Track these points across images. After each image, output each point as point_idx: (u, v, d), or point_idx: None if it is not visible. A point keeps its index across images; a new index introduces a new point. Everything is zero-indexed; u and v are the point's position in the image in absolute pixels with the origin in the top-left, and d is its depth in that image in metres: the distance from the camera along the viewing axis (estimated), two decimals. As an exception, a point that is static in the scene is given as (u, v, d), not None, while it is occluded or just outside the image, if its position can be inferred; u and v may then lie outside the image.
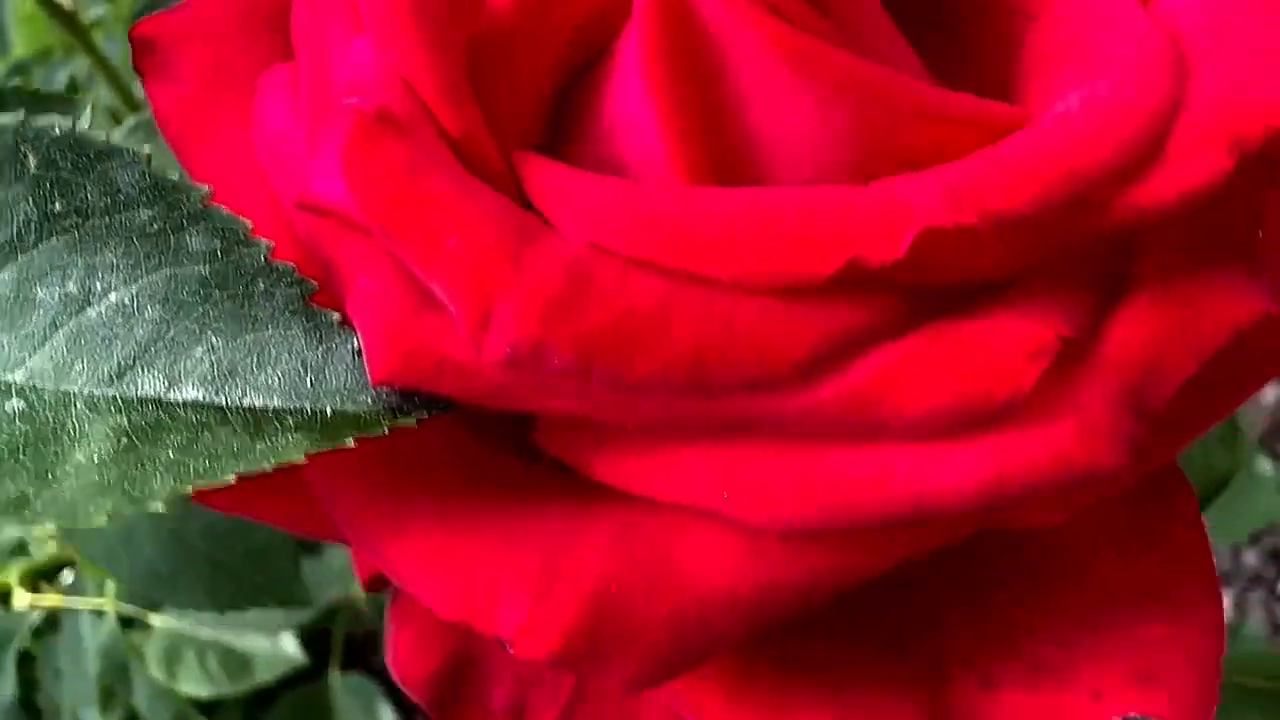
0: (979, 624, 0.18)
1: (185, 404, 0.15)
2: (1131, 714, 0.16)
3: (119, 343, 0.15)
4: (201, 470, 0.14)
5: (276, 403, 0.15)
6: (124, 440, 0.14)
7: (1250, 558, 0.99)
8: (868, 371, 0.14)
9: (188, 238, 0.15)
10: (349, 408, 0.15)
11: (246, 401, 0.15)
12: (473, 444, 0.16)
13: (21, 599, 0.78)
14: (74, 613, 0.76)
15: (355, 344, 0.15)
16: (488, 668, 0.21)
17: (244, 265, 0.15)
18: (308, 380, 0.15)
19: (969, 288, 0.14)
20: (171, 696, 0.68)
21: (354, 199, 0.15)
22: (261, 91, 0.18)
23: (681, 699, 0.16)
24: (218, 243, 0.15)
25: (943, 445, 0.14)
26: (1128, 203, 0.13)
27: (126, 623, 0.73)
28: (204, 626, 0.69)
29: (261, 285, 0.15)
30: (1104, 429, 0.13)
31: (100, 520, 0.13)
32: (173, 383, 0.15)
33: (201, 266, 0.15)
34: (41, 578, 0.81)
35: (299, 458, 0.14)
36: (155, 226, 0.15)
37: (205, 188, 0.15)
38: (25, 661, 0.84)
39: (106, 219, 0.15)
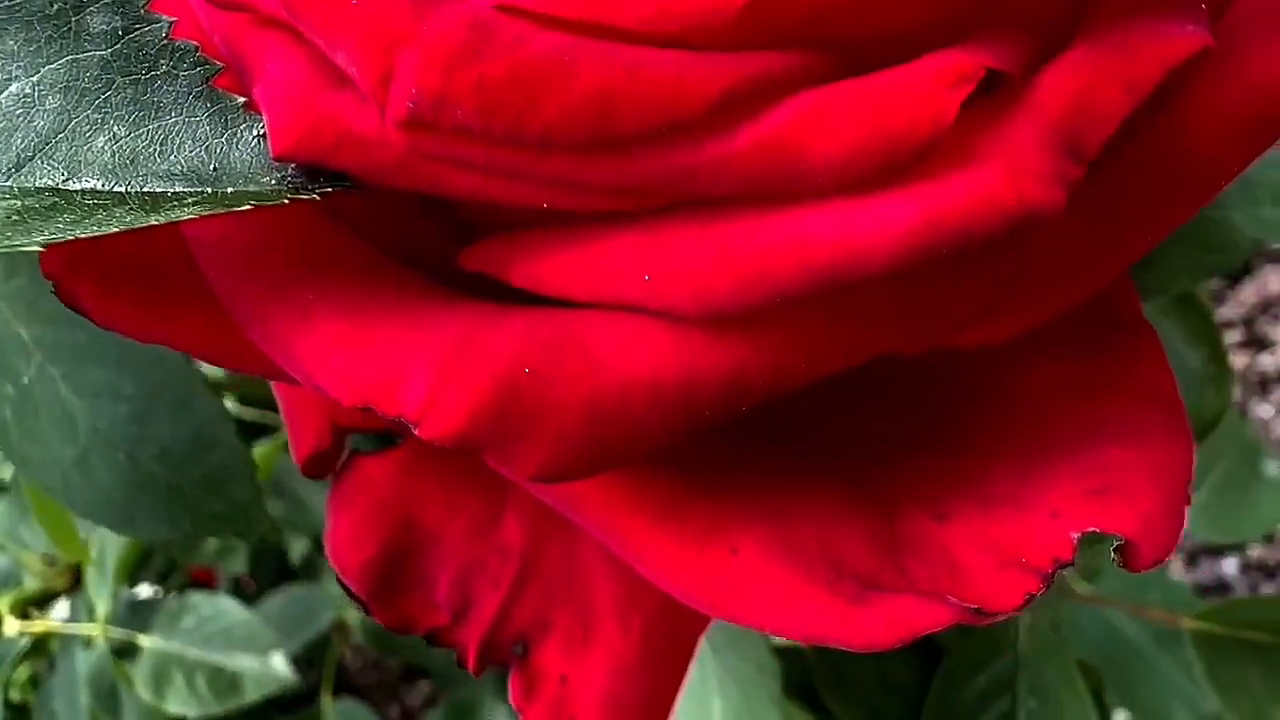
0: (932, 460, 0.17)
1: (84, 191, 0.14)
2: (1091, 528, 0.15)
3: (19, 134, 0.15)
4: (86, 231, 0.13)
5: (178, 188, 0.14)
6: (14, 218, 0.14)
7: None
8: (785, 116, 0.13)
9: (88, 18, 0.14)
10: (251, 189, 0.14)
11: (147, 188, 0.14)
12: (388, 261, 0.16)
13: (11, 626, 0.77)
14: (65, 640, 0.74)
15: (260, 128, 0.14)
16: (429, 556, 0.20)
17: (145, 46, 0.14)
18: (211, 165, 0.14)
19: (892, 46, 0.14)
20: (160, 718, 0.66)
21: (260, -23, 0.14)
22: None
23: (605, 521, 0.16)
24: (118, 21, 0.14)
25: (867, 198, 0.13)
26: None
27: (118, 650, 0.72)
28: (192, 646, 0.68)
29: (164, 67, 0.14)
30: (1035, 169, 0.12)
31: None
32: (72, 173, 0.14)
33: (102, 49, 0.14)
34: (32, 605, 0.79)
35: (187, 215, 0.13)
36: (54, 7, 0.14)
37: (103, -43, 0.14)
38: (15, 691, 0.82)
39: (5, 2, 0.14)
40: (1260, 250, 0.25)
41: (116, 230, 0.13)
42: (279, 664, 0.65)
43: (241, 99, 0.15)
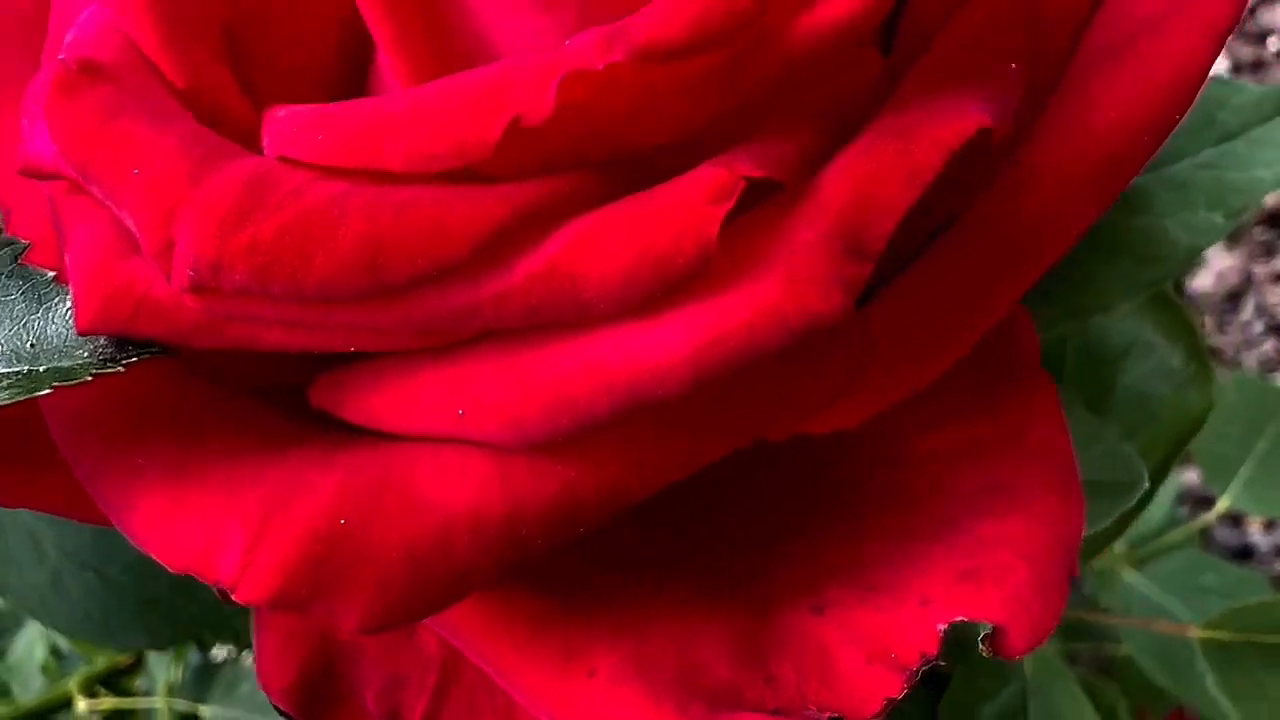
0: (811, 552, 0.16)
1: (-91, 380, 0.14)
2: (959, 618, 0.14)
3: None
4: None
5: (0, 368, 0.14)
6: None
7: None
8: (556, 247, 0.13)
9: (-105, 211, 0.15)
10: (64, 363, 0.14)
11: (-31, 371, 0.14)
12: (228, 402, 0.16)
13: (81, 705, 0.79)
14: (132, 715, 0.76)
15: (70, 300, 0.14)
16: (353, 668, 0.20)
17: (-47, 232, 0.15)
18: (29, 342, 0.14)
19: (675, 153, 0.13)
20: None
21: (57, 147, 0.14)
22: (26, 96, 0.18)
23: (472, 645, 0.15)
24: (-77, 212, 0.14)
25: (649, 320, 0.12)
26: (794, 31, 0.12)
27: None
28: (254, 713, 0.69)
29: (-27, 250, 0.15)
30: (814, 275, 0.12)
31: None
32: (-104, 361, 0.15)
33: (-87, 238, 0.15)
34: (99, 683, 0.81)
35: (3, 400, 0.13)
36: None
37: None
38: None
39: None
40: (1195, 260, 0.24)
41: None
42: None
43: (51, 273, 0.15)
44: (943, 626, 0.14)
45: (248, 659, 0.76)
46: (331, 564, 0.13)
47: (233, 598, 0.13)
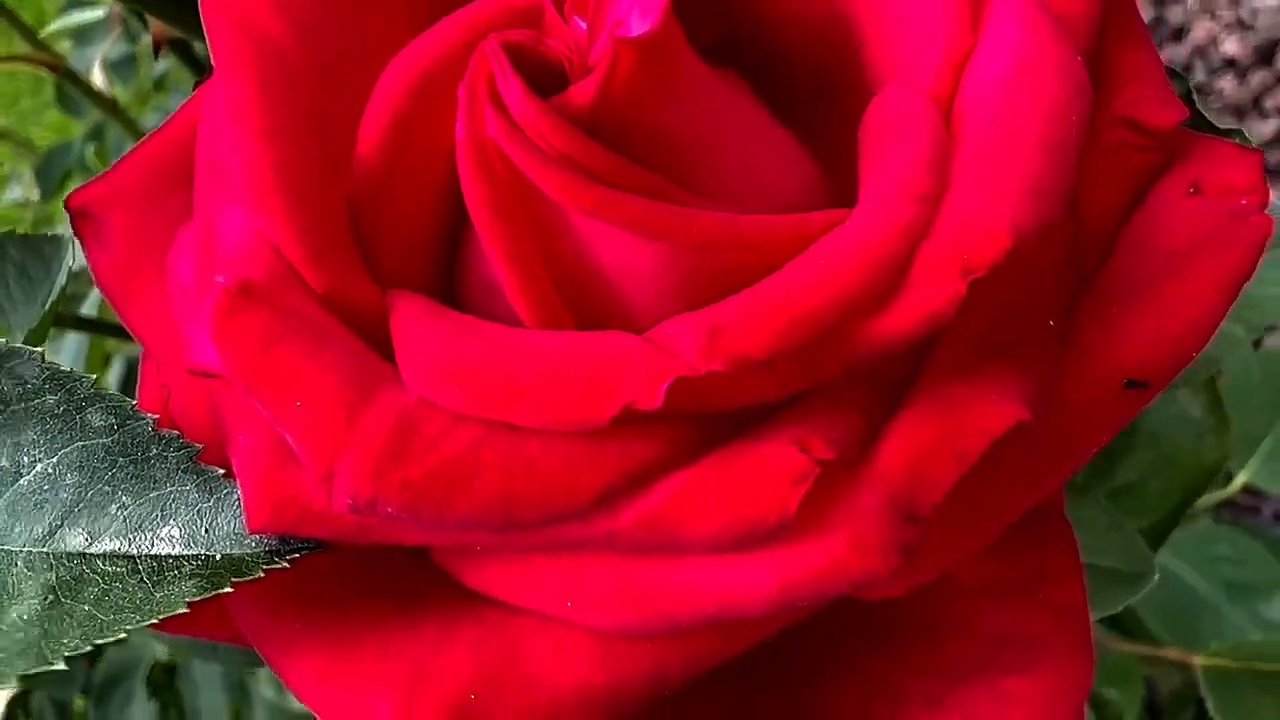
0: (855, 685, 0.19)
1: (104, 555, 0.17)
2: (979, 772, 0.17)
3: (48, 505, 0.18)
4: (106, 626, 0.16)
5: (178, 550, 0.17)
6: (50, 597, 0.17)
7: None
8: (659, 499, 0.15)
9: (89, 416, 0.17)
10: (236, 551, 0.17)
11: (154, 550, 0.17)
12: (365, 559, 0.18)
13: (148, 626, 0.83)
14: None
15: (239, 495, 0.17)
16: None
17: (138, 435, 0.17)
18: (202, 528, 0.17)
19: (760, 407, 0.15)
20: (285, 713, 0.73)
21: (224, 367, 0.17)
22: (174, 250, 0.20)
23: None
24: (113, 419, 0.17)
25: (737, 558, 0.15)
26: (871, 333, 0.14)
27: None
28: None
29: (154, 450, 0.17)
30: (875, 539, 0.14)
31: (10, 680, 0.15)
32: (94, 538, 0.17)
33: (104, 439, 0.17)
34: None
35: (182, 608, 0.16)
36: (61, 409, 0.17)
37: (94, 375, 0.17)
38: (165, 687, 0.90)
39: (22, 405, 0.17)
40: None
41: (133, 623, 0.16)
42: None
43: (221, 471, 0.17)
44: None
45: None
46: (465, 736, 0.16)
47: (387, 760, 0.16)
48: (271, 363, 0.16)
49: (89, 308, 0.52)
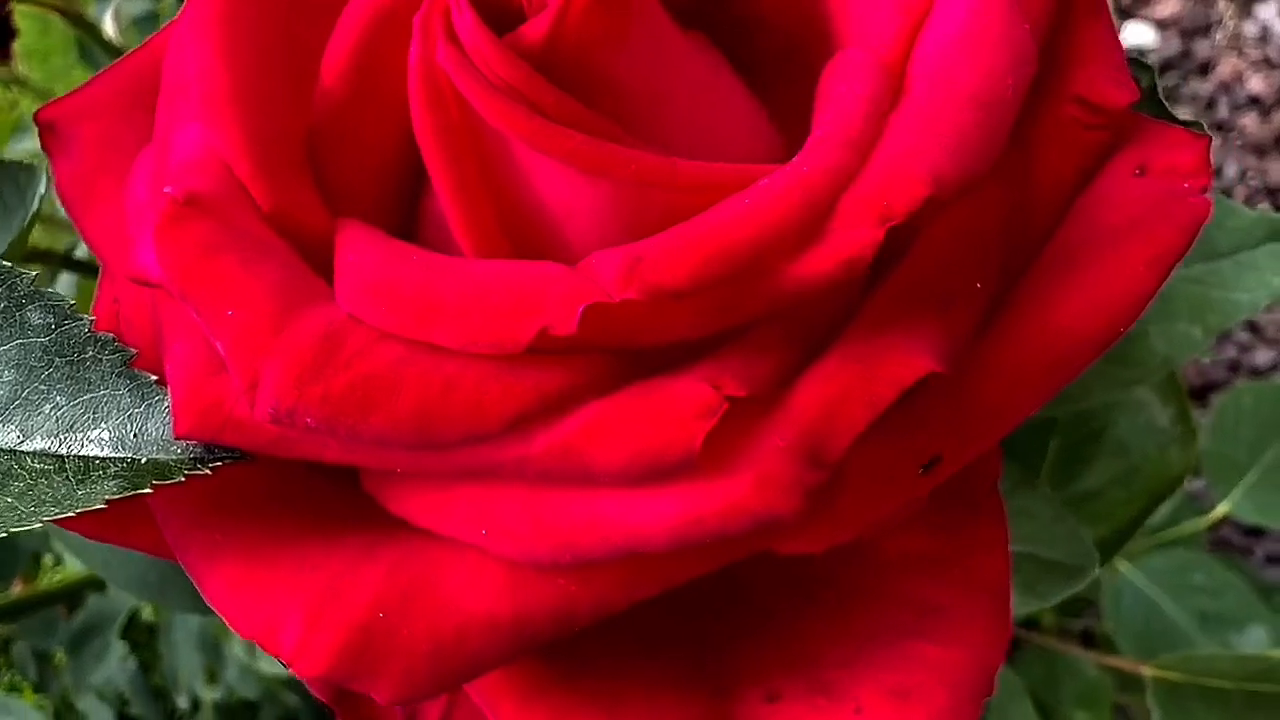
0: (772, 643, 0.19)
1: (33, 453, 0.17)
2: (885, 730, 0.17)
3: (-16, 402, 0.18)
4: (25, 517, 0.16)
5: (106, 452, 0.17)
6: (-25, 487, 0.17)
7: None
8: (570, 428, 0.15)
9: (28, 313, 0.17)
10: (162, 456, 0.17)
11: (83, 451, 0.17)
12: (295, 480, 0.19)
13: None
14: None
15: (169, 402, 0.17)
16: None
17: (75, 336, 0.17)
18: (131, 433, 0.17)
19: (678, 347, 0.16)
20: (256, 674, 0.73)
21: (163, 274, 0.17)
22: (135, 167, 0.21)
23: (482, 699, 0.18)
24: (51, 318, 0.17)
25: (644, 492, 0.15)
26: (790, 274, 0.14)
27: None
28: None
29: (90, 352, 0.17)
30: (780, 478, 0.15)
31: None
32: (26, 436, 0.18)
33: (42, 338, 0.17)
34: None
35: (100, 504, 0.16)
36: (1, 305, 0.17)
37: (34, 270, 0.17)
38: (145, 647, 0.90)
39: (-37, 298, 0.17)
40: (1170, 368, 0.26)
41: (51, 515, 0.16)
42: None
43: (154, 377, 0.17)
44: (868, 737, 0.17)
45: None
46: (370, 652, 0.16)
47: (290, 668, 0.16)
48: (208, 270, 0.17)
49: (82, 252, 0.53)
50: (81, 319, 0.17)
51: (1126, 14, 1.30)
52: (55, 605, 0.87)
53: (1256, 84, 1.28)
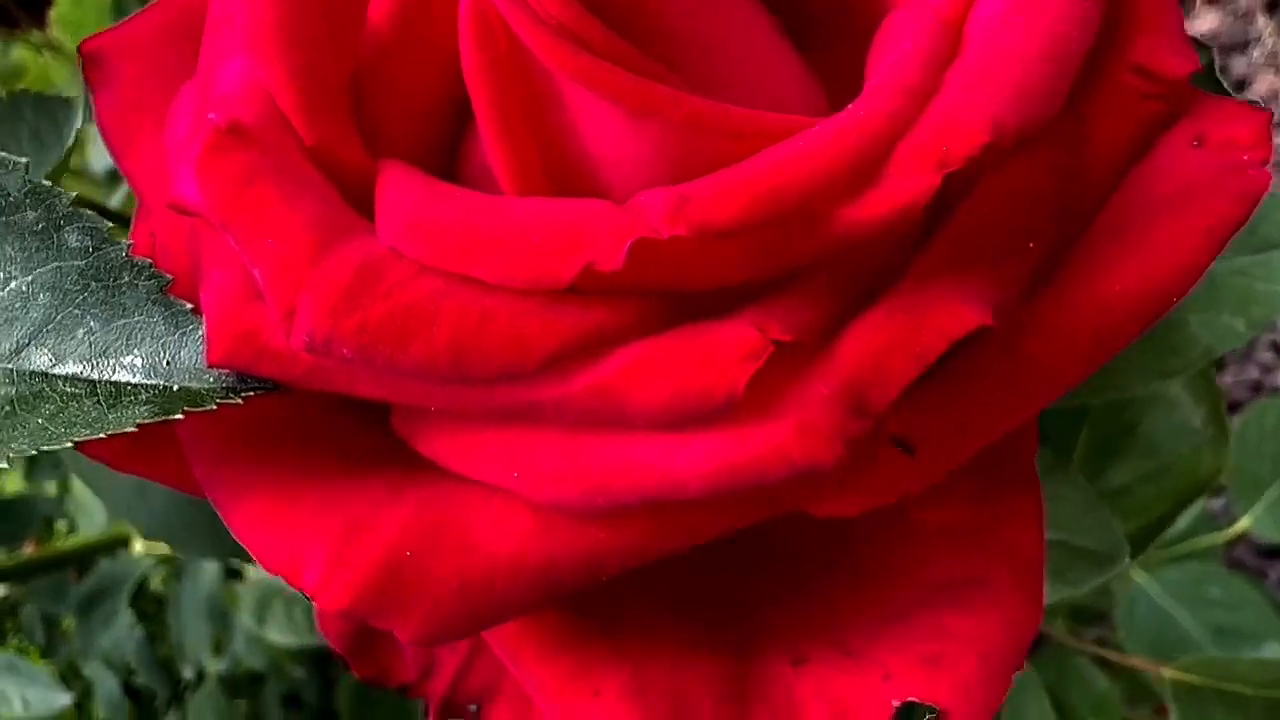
0: (802, 605, 0.19)
1: (65, 377, 0.17)
2: (912, 698, 0.17)
3: (18, 323, 0.18)
4: (55, 438, 0.16)
5: (138, 379, 0.17)
6: (7, 408, 0.17)
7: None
8: (610, 369, 0.15)
9: (66, 235, 0.17)
10: (194, 384, 0.17)
11: (115, 377, 0.17)
12: (326, 416, 0.18)
13: (138, 545, 0.85)
14: (191, 566, 0.82)
15: (204, 330, 0.17)
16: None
17: (111, 260, 0.17)
18: (164, 360, 0.17)
19: (724, 293, 0.15)
20: (263, 645, 0.73)
21: (203, 202, 0.17)
22: (177, 99, 0.20)
23: (503, 650, 0.18)
24: (89, 240, 0.17)
25: (681, 437, 0.15)
26: (842, 218, 0.14)
27: (230, 573, 0.79)
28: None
29: (126, 277, 0.17)
30: (822, 426, 0.14)
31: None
32: (58, 359, 0.17)
33: (79, 260, 0.17)
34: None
35: (131, 428, 0.16)
36: (40, 225, 0.17)
37: (72, 192, 0.17)
38: (153, 618, 0.91)
39: (3, 219, 0.17)
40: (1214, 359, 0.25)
41: (82, 437, 0.16)
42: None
43: (189, 305, 0.17)
44: (896, 703, 0.17)
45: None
46: (394, 590, 0.16)
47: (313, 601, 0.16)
48: (248, 199, 0.16)
49: (116, 201, 0.53)
50: (119, 244, 0.17)
51: (1163, 27, 1.29)
52: (66, 569, 0.87)
53: (1292, 103, 1.27)
